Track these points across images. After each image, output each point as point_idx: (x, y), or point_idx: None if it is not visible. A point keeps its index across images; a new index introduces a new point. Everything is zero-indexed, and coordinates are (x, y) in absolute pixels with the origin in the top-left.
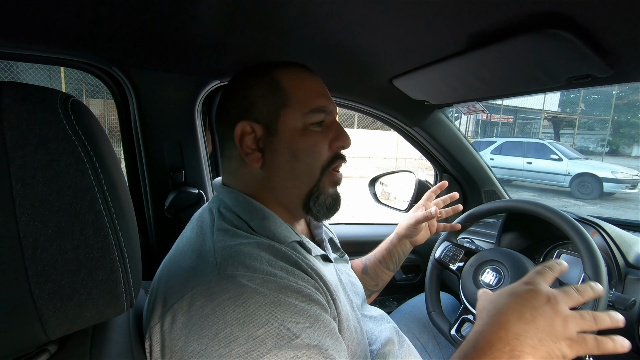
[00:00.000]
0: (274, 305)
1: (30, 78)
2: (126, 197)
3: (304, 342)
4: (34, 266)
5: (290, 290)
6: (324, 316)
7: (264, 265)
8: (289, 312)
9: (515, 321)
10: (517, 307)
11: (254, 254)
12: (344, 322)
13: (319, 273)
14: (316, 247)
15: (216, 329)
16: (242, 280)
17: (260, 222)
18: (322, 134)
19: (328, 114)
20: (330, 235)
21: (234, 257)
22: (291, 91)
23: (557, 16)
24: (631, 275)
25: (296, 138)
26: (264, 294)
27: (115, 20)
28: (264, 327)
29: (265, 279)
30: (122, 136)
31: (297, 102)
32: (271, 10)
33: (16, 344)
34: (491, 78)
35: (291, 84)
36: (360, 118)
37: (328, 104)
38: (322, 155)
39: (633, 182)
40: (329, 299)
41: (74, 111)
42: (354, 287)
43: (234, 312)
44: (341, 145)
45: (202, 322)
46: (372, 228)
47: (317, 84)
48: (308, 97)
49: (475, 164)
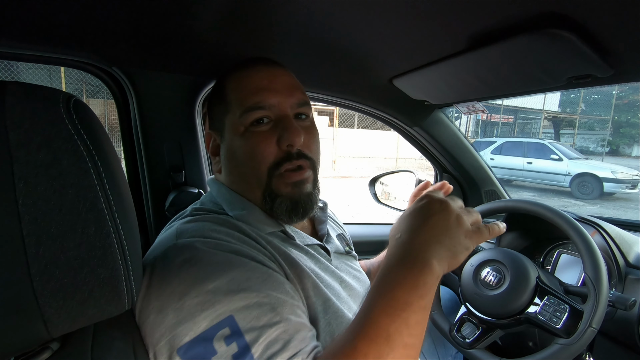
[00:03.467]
0: (226, 264)
1: (30, 78)
2: (127, 196)
3: (253, 293)
4: (37, 264)
5: (243, 253)
6: (276, 275)
7: (220, 235)
8: (240, 269)
9: (416, 233)
10: (414, 222)
11: (213, 226)
12: (311, 299)
13: (285, 252)
14: (307, 237)
15: (172, 286)
16: (195, 244)
17: (240, 212)
18: (267, 134)
19: (268, 109)
20: (340, 232)
21: (193, 229)
22: (230, 95)
23: (557, 16)
24: (631, 275)
25: (236, 142)
26: (216, 254)
27: (115, 20)
28: (215, 282)
29: (218, 243)
30: (122, 136)
31: (234, 105)
32: (271, 10)
33: (19, 341)
34: (491, 78)
35: (231, 88)
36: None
37: (267, 98)
38: (265, 157)
39: (633, 182)
40: (289, 274)
41: (76, 111)
42: (357, 279)
43: (188, 270)
44: (288, 143)
45: (161, 282)
46: (372, 228)
47: (259, 79)
48: (243, 98)
49: (476, 164)
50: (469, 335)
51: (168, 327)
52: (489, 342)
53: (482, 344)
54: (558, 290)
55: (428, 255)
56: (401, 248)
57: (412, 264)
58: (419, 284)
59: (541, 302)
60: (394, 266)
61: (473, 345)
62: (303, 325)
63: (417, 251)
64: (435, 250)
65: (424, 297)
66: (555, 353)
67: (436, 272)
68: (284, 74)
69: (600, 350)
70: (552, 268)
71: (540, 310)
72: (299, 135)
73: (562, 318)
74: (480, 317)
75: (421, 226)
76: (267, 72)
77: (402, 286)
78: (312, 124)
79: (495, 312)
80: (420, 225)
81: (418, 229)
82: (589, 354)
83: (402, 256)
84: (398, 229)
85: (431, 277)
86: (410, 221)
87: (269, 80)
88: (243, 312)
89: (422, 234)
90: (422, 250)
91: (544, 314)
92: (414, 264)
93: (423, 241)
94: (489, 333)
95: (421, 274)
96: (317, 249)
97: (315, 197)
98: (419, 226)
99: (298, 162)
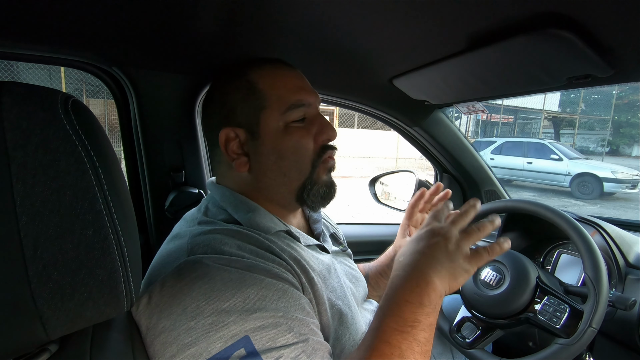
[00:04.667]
0: (240, 281)
1: (30, 78)
2: (126, 197)
3: (269, 313)
4: (35, 266)
5: (257, 268)
6: (292, 291)
7: (232, 249)
8: (255, 287)
9: (419, 255)
10: (416, 246)
11: (224, 239)
12: (323, 305)
13: (296, 257)
14: (309, 238)
15: (184, 304)
16: (208, 261)
17: (245, 215)
18: (306, 129)
19: (308, 107)
20: (333, 231)
21: (204, 243)
22: (267, 92)
23: (557, 16)
24: (631, 275)
25: (279, 138)
26: (230, 271)
27: (115, 20)
28: (229, 301)
29: (231, 259)
30: (122, 136)
31: (275, 102)
32: (271, 10)
33: (17, 343)
34: (491, 78)
35: (267, 84)
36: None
37: (306, 97)
38: (308, 151)
39: (633, 182)
40: (303, 281)
41: (74, 111)
42: (355, 279)
43: (200, 288)
44: (326, 138)
45: (172, 300)
46: (372, 228)
47: (293, 78)
48: (285, 95)
49: (476, 164)
50: (469, 335)
51: (181, 348)
52: (489, 342)
53: (482, 344)
54: (558, 290)
55: (431, 274)
56: (404, 269)
57: (416, 282)
58: (424, 302)
59: (541, 302)
60: (400, 286)
61: (473, 345)
62: (320, 344)
63: (420, 271)
64: (437, 270)
65: (430, 314)
66: (555, 353)
67: (439, 291)
68: (304, 77)
69: (600, 350)
70: (552, 268)
71: (540, 310)
72: (334, 131)
73: (562, 318)
74: (480, 317)
75: (423, 248)
76: (296, 72)
77: (409, 304)
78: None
79: (495, 312)
80: (421, 248)
81: (420, 251)
82: (589, 354)
83: (406, 277)
84: (402, 253)
85: (435, 295)
86: (413, 245)
87: (302, 80)
88: (259, 333)
89: (423, 256)
90: (424, 270)
91: (544, 314)
92: (418, 283)
93: (425, 262)
94: (489, 333)
95: (425, 292)
96: (316, 249)
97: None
98: (421, 249)
99: (334, 152)
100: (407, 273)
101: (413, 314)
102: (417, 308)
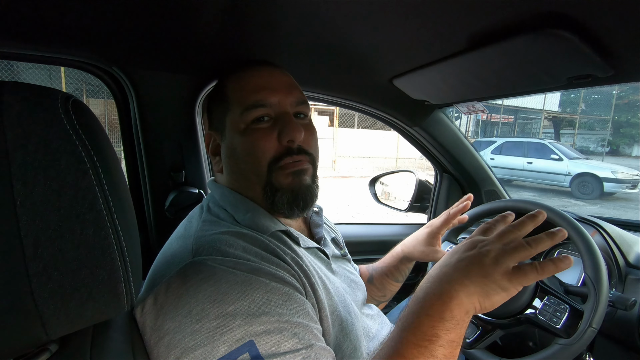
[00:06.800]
0: (245, 284)
1: (30, 78)
2: (127, 197)
3: (274, 318)
4: (35, 266)
5: (262, 272)
6: (297, 296)
7: (238, 251)
8: (260, 290)
9: (446, 268)
10: (447, 259)
11: (230, 241)
12: (324, 311)
13: (298, 262)
14: (309, 240)
15: (189, 307)
16: (213, 263)
17: (244, 215)
18: (267, 130)
19: (269, 107)
20: (334, 235)
21: (210, 244)
22: (231, 95)
23: (557, 16)
24: (631, 275)
25: (237, 140)
26: (235, 274)
27: (115, 20)
28: (234, 304)
29: (237, 262)
30: (122, 136)
31: (235, 104)
32: (271, 10)
33: (17, 343)
34: (491, 78)
35: (231, 88)
36: (360, 118)
37: (267, 96)
38: (265, 153)
39: (633, 182)
40: (306, 286)
41: (74, 111)
42: (355, 284)
43: (206, 290)
44: (289, 139)
45: (177, 301)
46: (372, 228)
47: (258, 78)
48: (243, 96)
49: (476, 164)
50: (469, 335)
51: (185, 350)
52: (489, 342)
53: (482, 344)
54: (558, 290)
55: (457, 288)
56: (430, 281)
57: (439, 296)
58: (445, 316)
59: (541, 302)
60: (421, 298)
61: (473, 345)
62: (324, 350)
63: (445, 283)
64: (464, 285)
65: (451, 330)
66: (555, 353)
67: (465, 306)
68: (282, 74)
69: (600, 350)
70: None
71: (540, 311)
72: (299, 131)
73: (562, 318)
74: (480, 317)
75: (455, 262)
76: (266, 71)
77: (429, 317)
78: (311, 123)
79: (495, 312)
80: (454, 261)
81: (451, 264)
82: (589, 354)
83: (429, 289)
84: (437, 265)
85: (459, 311)
86: (447, 257)
87: (269, 79)
88: (264, 337)
89: (453, 269)
90: (449, 283)
91: (544, 314)
92: (441, 296)
93: (453, 275)
94: (489, 333)
95: (448, 306)
96: (316, 253)
97: (314, 191)
98: (453, 262)
99: (298, 157)
100: (432, 285)
101: (432, 328)
102: (437, 322)
